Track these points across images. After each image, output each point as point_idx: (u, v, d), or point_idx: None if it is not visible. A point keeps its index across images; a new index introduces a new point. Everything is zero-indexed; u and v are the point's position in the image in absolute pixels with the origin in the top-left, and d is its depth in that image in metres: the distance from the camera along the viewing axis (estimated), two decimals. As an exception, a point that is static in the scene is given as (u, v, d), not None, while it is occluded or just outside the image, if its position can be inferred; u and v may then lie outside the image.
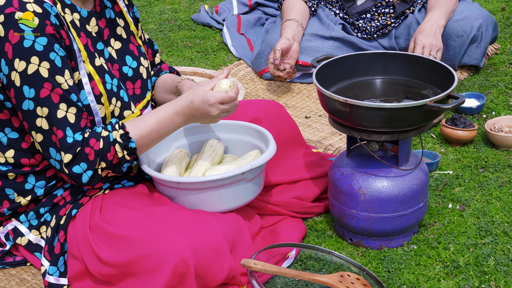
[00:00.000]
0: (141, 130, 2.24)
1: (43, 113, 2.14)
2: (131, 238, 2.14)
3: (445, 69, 2.45)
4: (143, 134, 2.24)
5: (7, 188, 2.31)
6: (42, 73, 2.11)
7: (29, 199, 2.30)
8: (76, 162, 2.18)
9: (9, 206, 2.31)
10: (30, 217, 2.32)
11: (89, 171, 2.19)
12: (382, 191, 2.39)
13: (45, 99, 2.13)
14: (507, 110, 3.27)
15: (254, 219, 2.48)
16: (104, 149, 2.19)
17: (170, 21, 4.37)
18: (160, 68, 2.63)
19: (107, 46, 2.35)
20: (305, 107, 3.40)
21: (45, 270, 2.27)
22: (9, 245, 2.36)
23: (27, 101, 2.13)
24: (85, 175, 2.20)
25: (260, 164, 2.31)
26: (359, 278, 2.28)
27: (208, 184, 2.27)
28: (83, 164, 2.18)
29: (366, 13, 3.58)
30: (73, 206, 2.29)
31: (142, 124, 2.25)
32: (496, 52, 3.80)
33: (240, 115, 2.59)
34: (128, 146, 2.22)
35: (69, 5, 2.24)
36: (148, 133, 2.25)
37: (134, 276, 2.14)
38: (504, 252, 2.42)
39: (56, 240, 2.28)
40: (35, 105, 2.13)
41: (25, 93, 2.12)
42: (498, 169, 2.86)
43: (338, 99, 2.30)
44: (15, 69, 2.11)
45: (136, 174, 2.41)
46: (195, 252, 2.10)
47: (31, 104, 2.13)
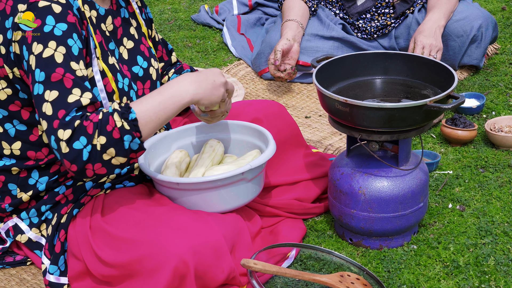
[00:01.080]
0: (142, 103, 2.12)
1: (49, 97, 2.07)
2: (132, 239, 2.14)
3: (445, 69, 2.45)
4: (144, 105, 2.11)
5: (10, 183, 2.31)
6: (57, 58, 2.08)
7: (31, 194, 2.30)
8: (76, 137, 2.04)
9: (11, 202, 2.31)
10: (31, 214, 2.32)
11: (89, 146, 2.04)
12: (382, 191, 2.40)
13: (56, 83, 2.08)
14: (507, 110, 3.27)
15: (254, 219, 2.48)
16: (103, 120, 2.05)
17: (170, 21, 4.37)
18: (181, 66, 2.63)
19: (119, 46, 2.36)
20: (305, 107, 3.40)
21: (45, 269, 2.27)
22: (9, 242, 2.37)
23: (37, 85, 2.09)
24: (85, 151, 2.05)
25: (260, 164, 2.31)
26: (359, 278, 2.28)
27: (207, 184, 2.27)
28: (82, 139, 2.05)
29: (366, 13, 3.59)
30: (74, 205, 2.29)
31: (144, 98, 2.15)
32: (496, 52, 3.80)
33: (241, 115, 2.59)
34: (128, 117, 2.07)
35: (89, 2, 2.25)
36: (151, 104, 2.12)
37: (134, 277, 2.14)
38: (504, 252, 2.42)
39: (56, 238, 2.28)
40: (44, 89, 2.08)
41: (36, 77, 2.09)
42: (498, 169, 2.87)
43: (338, 99, 2.30)
44: (32, 52, 2.09)
45: (137, 175, 2.41)
46: (195, 253, 2.10)
47: (41, 88, 2.08)
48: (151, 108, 2.10)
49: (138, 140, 2.09)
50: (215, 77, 2.21)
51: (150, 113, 2.10)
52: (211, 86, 2.19)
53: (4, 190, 2.32)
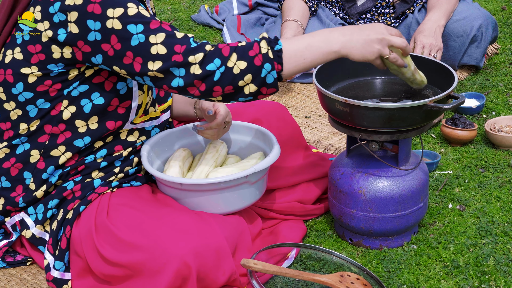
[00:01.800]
0: (291, 40, 2.10)
1: (157, 40, 2.08)
2: (134, 240, 2.14)
3: (445, 69, 2.45)
4: (292, 41, 2.09)
5: (26, 172, 2.30)
6: (144, 13, 2.10)
7: (44, 189, 2.30)
8: (209, 59, 2.06)
9: (24, 195, 2.31)
10: (38, 210, 2.32)
11: (222, 67, 2.05)
12: (382, 191, 2.39)
13: (158, 28, 2.08)
14: (507, 110, 3.27)
15: (255, 221, 2.47)
16: (245, 46, 2.06)
17: (170, 21, 4.37)
18: None
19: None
20: (305, 107, 3.40)
21: (47, 264, 2.27)
22: (15, 236, 2.36)
23: (136, 36, 2.08)
24: (218, 72, 2.05)
25: (264, 168, 2.31)
26: (359, 278, 2.28)
27: (211, 186, 2.27)
28: (217, 60, 2.05)
29: (366, 13, 3.59)
30: (81, 202, 2.28)
31: (294, 38, 2.13)
32: (496, 52, 3.80)
33: (242, 116, 2.59)
34: (274, 46, 2.06)
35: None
36: (299, 42, 2.09)
37: (135, 277, 2.14)
38: (504, 252, 2.42)
39: (61, 234, 2.28)
40: (146, 37, 2.08)
41: (131, 31, 2.08)
42: (498, 169, 2.87)
43: (338, 99, 2.30)
44: (110, 17, 2.08)
45: (143, 175, 2.41)
46: (197, 255, 2.10)
47: (142, 37, 2.08)
48: (299, 46, 2.08)
49: (276, 74, 2.07)
50: (371, 31, 2.12)
51: (296, 50, 2.08)
52: (363, 40, 2.11)
53: (18, 179, 2.31)
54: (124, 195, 2.30)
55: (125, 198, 2.29)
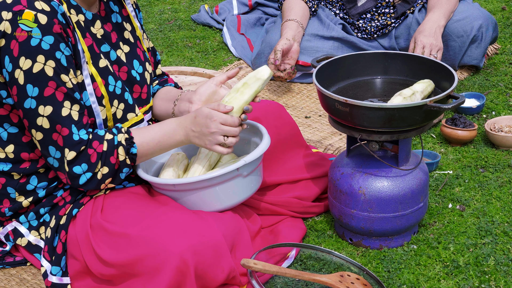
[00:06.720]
0: (144, 137, 2.26)
1: (45, 112, 2.13)
2: (132, 238, 2.14)
3: (445, 69, 2.45)
4: (145, 141, 2.26)
5: (9, 187, 2.31)
6: (47, 72, 2.11)
7: (31, 200, 2.30)
8: (78, 162, 2.17)
9: (10, 206, 2.31)
10: (30, 217, 2.32)
11: (88, 173, 2.19)
12: (382, 191, 2.39)
13: (49, 98, 2.13)
14: (507, 110, 3.27)
15: (253, 219, 2.48)
16: (107, 152, 2.19)
17: (170, 21, 4.37)
18: (166, 79, 2.62)
19: (117, 49, 2.35)
20: (305, 107, 3.40)
21: (45, 271, 2.27)
22: (9, 246, 2.36)
23: (30, 100, 2.12)
24: (84, 177, 2.19)
25: (255, 159, 2.30)
26: (359, 278, 2.28)
27: (203, 183, 2.27)
28: (84, 165, 2.18)
29: (367, 13, 3.59)
30: (73, 205, 2.29)
31: (146, 132, 2.26)
32: (496, 52, 3.80)
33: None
34: (130, 151, 2.23)
35: (75, 6, 2.23)
36: (150, 140, 2.26)
37: (135, 276, 2.14)
38: (504, 252, 2.42)
39: (57, 240, 2.28)
40: (37, 104, 2.13)
41: (28, 92, 2.12)
42: (498, 169, 2.87)
43: (338, 99, 2.30)
44: (19, 67, 2.10)
45: (136, 176, 2.41)
46: (195, 253, 2.10)
47: (33, 102, 2.13)
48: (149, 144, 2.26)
49: (130, 169, 2.27)
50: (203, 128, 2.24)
51: (147, 149, 2.27)
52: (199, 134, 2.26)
53: (3, 193, 2.32)
54: (118, 195, 2.31)
55: (120, 198, 2.29)
